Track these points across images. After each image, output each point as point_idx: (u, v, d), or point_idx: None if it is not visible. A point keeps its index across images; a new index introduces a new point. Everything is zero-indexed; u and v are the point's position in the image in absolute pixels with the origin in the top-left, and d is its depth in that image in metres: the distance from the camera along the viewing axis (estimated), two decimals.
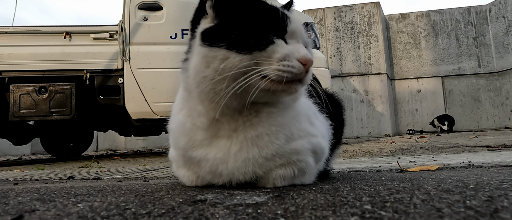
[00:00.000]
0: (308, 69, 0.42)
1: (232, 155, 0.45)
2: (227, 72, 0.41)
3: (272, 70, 0.40)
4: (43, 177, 1.49)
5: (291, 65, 0.41)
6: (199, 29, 0.46)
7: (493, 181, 0.50)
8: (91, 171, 1.79)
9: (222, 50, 0.41)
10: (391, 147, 2.95)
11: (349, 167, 1.23)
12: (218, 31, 0.42)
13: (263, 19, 0.42)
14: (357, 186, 0.47)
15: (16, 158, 5.94)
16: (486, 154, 1.51)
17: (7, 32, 3.12)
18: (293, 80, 0.42)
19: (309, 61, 0.41)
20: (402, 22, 7.42)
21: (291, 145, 0.47)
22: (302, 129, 0.49)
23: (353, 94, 6.69)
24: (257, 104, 0.42)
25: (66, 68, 3.10)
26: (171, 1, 3.24)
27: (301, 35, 0.44)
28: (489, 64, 6.98)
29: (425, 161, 1.27)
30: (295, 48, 0.42)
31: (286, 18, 0.43)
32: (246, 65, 0.41)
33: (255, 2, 0.44)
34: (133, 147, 7.45)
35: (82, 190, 0.55)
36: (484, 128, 6.87)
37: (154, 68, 3.17)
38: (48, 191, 0.55)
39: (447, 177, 0.62)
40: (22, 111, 2.99)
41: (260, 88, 0.41)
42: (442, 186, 0.46)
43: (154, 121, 3.20)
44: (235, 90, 0.41)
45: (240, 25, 0.41)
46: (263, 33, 0.41)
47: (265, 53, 0.41)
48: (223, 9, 0.44)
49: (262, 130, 0.46)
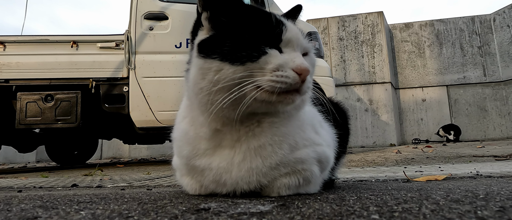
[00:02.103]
0: (305, 78, 0.41)
1: (236, 165, 0.44)
2: (221, 83, 0.41)
3: (265, 81, 0.40)
4: (47, 184, 1.50)
5: (285, 76, 0.40)
6: (196, 40, 0.46)
7: (504, 191, 0.49)
8: (94, 179, 1.79)
9: (216, 62, 0.41)
10: (397, 156, 2.91)
11: (354, 177, 1.21)
12: (213, 43, 0.42)
13: (256, 29, 0.42)
14: (363, 196, 0.46)
15: (21, 165, 5.97)
16: (494, 164, 1.48)
17: (16, 42, 3.18)
18: (288, 90, 0.41)
19: (305, 70, 0.40)
20: (406, 31, 7.43)
21: (296, 154, 0.47)
22: (306, 138, 0.49)
23: (358, 103, 6.66)
24: (258, 115, 0.42)
25: (72, 77, 3.14)
26: (176, 11, 3.29)
27: (298, 43, 0.43)
28: (495, 73, 6.93)
29: (431, 171, 1.24)
30: (290, 57, 0.41)
31: (280, 26, 0.42)
32: (239, 76, 0.40)
33: (250, 12, 0.43)
34: (137, 155, 7.46)
35: (85, 198, 0.55)
36: (491, 137, 6.77)
37: (159, 77, 3.19)
38: (51, 199, 0.55)
39: (455, 187, 0.60)
40: (28, 119, 3.02)
41: (254, 98, 0.40)
42: (451, 196, 0.45)
43: (158, 129, 3.21)
44: (231, 101, 0.40)
45: (234, 36, 0.41)
46: (256, 44, 0.41)
47: (257, 64, 0.41)
48: (218, 20, 0.45)
49: (264, 140, 0.45)
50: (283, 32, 0.42)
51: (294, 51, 0.42)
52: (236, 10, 0.44)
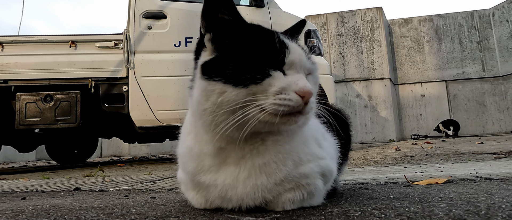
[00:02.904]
0: (307, 101, 0.41)
1: (241, 182, 0.45)
2: (225, 106, 0.41)
3: (268, 104, 0.40)
4: (49, 187, 1.50)
5: (288, 99, 0.40)
6: (200, 61, 0.46)
7: (505, 204, 0.49)
8: (96, 180, 1.79)
9: (219, 84, 0.41)
10: (396, 154, 2.92)
11: (355, 178, 1.22)
12: (216, 65, 0.43)
13: (259, 51, 0.42)
14: (367, 210, 0.46)
15: (21, 164, 5.98)
16: (494, 163, 1.49)
17: (14, 42, 3.16)
18: (291, 112, 0.41)
19: (308, 93, 0.41)
20: (405, 27, 7.41)
21: (300, 170, 0.48)
22: (310, 153, 0.49)
23: (357, 99, 6.67)
24: (262, 133, 0.42)
25: (71, 77, 3.13)
26: (175, 9, 3.27)
27: (302, 65, 0.43)
28: (494, 68, 6.93)
29: (431, 172, 1.25)
30: (293, 79, 0.42)
31: (284, 49, 0.42)
32: (242, 99, 0.41)
33: (253, 33, 0.43)
34: (137, 153, 7.48)
35: (92, 214, 0.56)
36: (490, 132, 6.81)
37: (158, 76, 3.19)
38: (58, 215, 0.55)
39: (456, 196, 0.61)
40: (28, 119, 3.02)
41: (258, 120, 0.40)
42: (453, 211, 0.45)
43: (158, 128, 3.21)
44: (235, 123, 0.40)
45: (237, 58, 0.41)
46: (259, 66, 0.41)
47: (261, 87, 0.41)
48: (221, 42, 0.45)
49: (269, 157, 0.46)
50: (287, 55, 0.42)
51: (297, 73, 0.42)
52: (239, 32, 0.44)
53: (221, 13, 0.45)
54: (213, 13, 0.45)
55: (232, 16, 0.46)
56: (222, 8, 0.45)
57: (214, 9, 0.45)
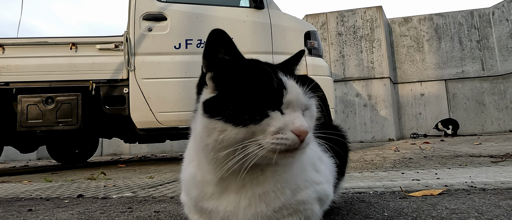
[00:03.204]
0: (303, 139, 0.43)
1: (242, 209, 0.47)
2: (226, 143, 0.44)
3: (267, 143, 0.43)
4: (53, 193, 1.53)
5: (285, 138, 0.43)
6: (202, 98, 0.48)
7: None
8: (98, 184, 1.82)
9: (220, 123, 0.44)
10: (395, 155, 2.95)
11: (353, 186, 1.24)
12: (217, 104, 0.45)
13: (258, 92, 0.43)
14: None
15: (22, 163, 6.01)
16: (489, 169, 1.52)
17: (15, 44, 3.18)
18: (288, 149, 0.43)
19: (304, 132, 0.42)
20: (405, 25, 7.41)
21: (297, 197, 0.50)
22: (307, 179, 0.52)
23: (356, 98, 6.69)
24: (261, 164, 0.45)
25: (72, 79, 3.15)
26: (175, 11, 3.28)
27: (299, 103, 0.45)
28: (493, 67, 6.95)
29: (428, 179, 1.28)
30: (290, 119, 0.43)
31: (282, 89, 0.44)
32: (242, 137, 0.43)
33: (252, 73, 0.45)
34: (137, 152, 7.51)
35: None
36: (489, 131, 6.84)
37: (158, 78, 3.21)
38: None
39: (448, 215, 0.64)
40: (29, 121, 3.04)
41: (258, 156, 0.43)
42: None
43: (159, 130, 3.24)
44: (235, 158, 0.43)
45: (237, 98, 0.43)
46: (258, 107, 0.43)
47: (259, 127, 0.43)
48: (221, 81, 0.47)
49: (268, 187, 0.48)
50: (284, 95, 0.44)
51: (294, 111, 0.44)
52: (239, 72, 0.46)
53: (221, 53, 0.47)
54: (214, 53, 0.47)
55: (232, 56, 0.48)
56: (222, 49, 0.47)
57: (215, 49, 0.47)
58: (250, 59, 0.50)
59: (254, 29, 3.34)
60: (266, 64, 0.50)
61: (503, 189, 0.98)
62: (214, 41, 0.46)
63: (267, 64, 0.50)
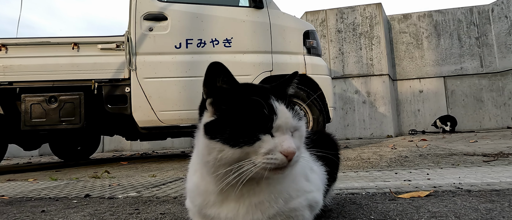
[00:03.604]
0: (291, 158, 0.49)
1: (241, 216, 0.54)
2: (223, 161, 0.50)
3: (258, 162, 0.49)
4: (60, 192, 1.59)
5: (275, 158, 0.49)
6: (203, 120, 0.54)
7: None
8: (103, 183, 1.88)
9: (219, 144, 0.50)
10: (391, 153, 3.01)
11: (347, 187, 1.31)
12: (216, 127, 0.51)
13: (251, 118, 0.49)
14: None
15: (24, 160, 6.09)
16: (479, 170, 1.58)
17: (17, 44, 3.22)
18: (278, 167, 0.50)
19: (291, 153, 0.49)
20: (404, 22, 7.43)
21: (290, 205, 0.56)
22: (299, 189, 0.58)
23: (355, 95, 6.75)
24: (256, 178, 0.51)
25: (74, 78, 3.20)
26: (175, 11, 3.31)
27: (287, 126, 0.51)
28: (492, 64, 6.99)
29: (419, 180, 1.34)
30: (280, 141, 0.50)
31: (272, 115, 0.50)
32: (238, 157, 0.50)
33: (245, 102, 0.51)
34: (138, 148, 7.58)
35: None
36: (487, 128, 6.90)
37: (159, 77, 3.26)
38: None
39: (429, 217, 0.69)
40: (33, 120, 3.10)
41: (251, 173, 0.49)
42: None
43: (161, 129, 3.30)
44: (232, 174, 0.50)
45: (232, 123, 0.50)
46: (251, 131, 0.49)
47: (252, 148, 0.49)
48: (219, 107, 0.53)
49: (263, 197, 0.55)
50: (274, 120, 0.50)
51: (283, 134, 0.50)
52: (235, 99, 0.52)
53: (219, 82, 0.53)
54: (212, 82, 0.53)
55: (229, 85, 0.53)
56: (220, 78, 0.52)
57: (214, 79, 0.52)
58: (246, 86, 0.55)
59: (253, 29, 3.38)
60: (260, 89, 0.55)
61: (487, 191, 1.04)
62: (213, 71, 0.52)
63: (261, 89, 0.55)
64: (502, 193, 0.97)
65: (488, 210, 0.75)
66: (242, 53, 3.33)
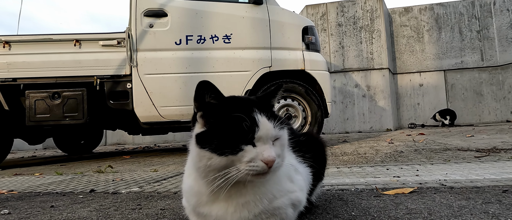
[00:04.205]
0: (271, 165, 0.56)
1: (229, 214, 0.61)
2: (212, 167, 0.57)
3: (242, 169, 0.56)
4: (66, 187, 1.67)
5: (256, 165, 0.56)
6: (195, 131, 0.61)
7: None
8: (107, 178, 1.96)
9: (208, 152, 0.57)
10: (388, 148, 3.07)
11: (339, 183, 1.37)
12: (205, 137, 0.58)
13: (235, 131, 0.56)
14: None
15: (29, 153, 6.21)
16: (468, 166, 1.64)
17: (20, 41, 3.27)
18: (259, 173, 0.56)
19: (270, 161, 0.55)
20: (405, 15, 7.40)
21: (274, 204, 0.63)
22: (282, 190, 0.64)
23: (355, 89, 6.78)
24: (242, 181, 0.58)
25: (77, 75, 3.26)
26: (175, 8, 3.35)
27: (268, 137, 0.57)
28: (492, 58, 6.98)
29: (407, 177, 1.40)
30: (260, 151, 0.56)
31: (254, 127, 0.56)
32: (224, 164, 0.56)
33: (230, 116, 0.57)
34: (140, 141, 7.68)
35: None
36: (486, 121, 6.93)
37: (160, 73, 3.31)
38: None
39: (405, 214, 0.76)
40: (37, 116, 3.18)
41: (237, 177, 0.56)
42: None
43: (162, 124, 3.37)
44: (220, 179, 0.57)
45: (219, 135, 0.56)
46: (235, 143, 0.56)
47: (236, 157, 0.56)
48: (208, 120, 0.59)
49: (249, 198, 0.61)
50: (256, 132, 0.56)
51: (264, 144, 0.57)
52: (222, 113, 0.58)
53: (208, 98, 0.59)
54: (202, 97, 0.59)
55: (216, 100, 0.60)
56: (208, 94, 0.59)
57: (203, 95, 0.59)
58: (232, 100, 0.61)
59: (252, 25, 3.41)
60: (245, 102, 0.61)
61: (468, 188, 1.10)
62: (202, 88, 0.59)
63: (246, 102, 0.61)
64: (481, 190, 1.03)
65: (460, 208, 0.81)
66: (242, 49, 3.37)
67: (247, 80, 3.32)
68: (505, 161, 1.73)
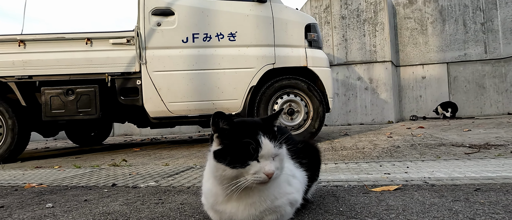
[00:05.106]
0: (271, 176, 0.72)
1: (240, 211, 0.77)
2: (226, 177, 0.74)
3: (249, 179, 0.72)
4: (89, 181, 1.85)
5: (259, 176, 0.72)
6: (212, 147, 0.78)
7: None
8: (124, 172, 2.14)
9: (223, 166, 0.74)
10: (386, 142, 3.22)
11: (334, 179, 1.53)
12: (221, 154, 0.74)
13: (243, 151, 0.72)
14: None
15: (41, 144, 6.47)
16: (455, 163, 1.78)
17: (34, 40, 3.43)
18: (262, 182, 0.73)
19: (270, 173, 0.72)
20: (409, 7, 7.39)
21: (275, 203, 0.79)
22: (281, 192, 0.80)
23: (358, 82, 6.87)
24: (249, 186, 0.74)
25: (89, 72, 3.42)
26: (182, 6, 3.46)
27: (269, 154, 0.73)
28: (496, 50, 6.99)
29: (397, 174, 1.55)
30: (263, 165, 0.72)
31: (258, 148, 0.72)
32: (235, 175, 0.73)
33: (241, 138, 0.73)
34: (147, 133, 7.89)
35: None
36: (487, 114, 7.01)
37: (168, 70, 3.46)
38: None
39: (383, 210, 0.91)
40: (53, 111, 3.36)
41: (244, 185, 0.73)
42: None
43: (170, 118, 3.55)
44: (232, 186, 0.74)
45: (231, 153, 0.73)
46: (243, 160, 0.72)
47: (244, 170, 0.73)
48: (222, 141, 0.76)
49: (255, 199, 0.78)
50: (259, 152, 0.72)
51: (266, 160, 0.73)
52: (233, 136, 0.74)
53: (221, 124, 0.76)
54: (217, 123, 0.76)
55: (229, 126, 0.76)
56: (222, 121, 0.76)
57: (218, 121, 0.76)
58: (241, 125, 0.77)
59: (257, 23, 3.52)
60: (251, 126, 0.76)
61: (447, 186, 1.25)
62: (217, 117, 0.76)
63: (252, 126, 0.76)
64: (457, 188, 1.18)
65: (431, 205, 0.96)
66: (246, 47, 3.49)
67: (252, 77, 3.46)
68: (490, 158, 1.87)
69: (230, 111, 3.49)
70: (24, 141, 3.51)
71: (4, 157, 3.32)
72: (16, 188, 1.69)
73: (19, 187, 1.72)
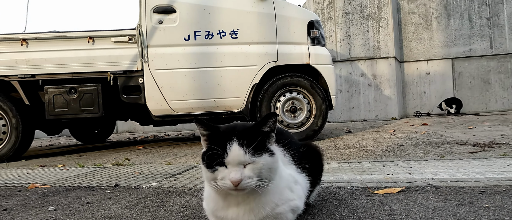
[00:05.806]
0: (237, 184, 0.71)
1: (240, 217, 0.77)
2: (207, 179, 0.78)
3: (219, 183, 0.74)
4: (92, 181, 1.86)
5: (225, 183, 0.72)
6: (202, 150, 0.80)
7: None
8: (127, 171, 2.15)
9: (203, 167, 0.77)
10: (389, 140, 3.20)
11: (337, 180, 1.52)
12: (203, 156, 0.77)
13: (214, 155, 0.73)
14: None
15: (45, 142, 6.52)
16: (459, 163, 1.76)
17: (37, 38, 3.43)
18: (230, 189, 0.73)
19: (235, 182, 0.71)
20: (414, 2, 7.29)
21: (276, 210, 0.78)
22: (283, 199, 0.79)
23: (361, 78, 6.82)
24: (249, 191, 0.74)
25: (92, 71, 3.42)
26: (183, 4, 3.44)
27: (235, 162, 0.72)
28: (502, 45, 6.89)
29: (400, 175, 1.54)
30: (229, 172, 0.72)
31: (224, 154, 0.72)
32: (211, 178, 0.76)
33: (214, 144, 0.74)
34: (150, 130, 7.92)
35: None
36: (492, 110, 6.94)
37: (170, 69, 3.45)
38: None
39: (386, 215, 0.90)
40: (56, 110, 3.38)
41: (218, 190, 0.76)
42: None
43: (173, 116, 3.55)
44: (213, 188, 0.77)
45: (208, 157, 0.75)
46: (213, 164, 0.74)
47: (213, 175, 0.74)
48: (206, 144, 0.78)
49: (253, 205, 0.78)
50: (225, 158, 0.72)
51: (233, 167, 0.72)
52: (212, 141, 0.76)
53: (201, 129, 0.78)
54: (200, 128, 0.78)
55: (207, 131, 0.78)
56: (204, 128, 0.78)
57: (200, 126, 0.78)
58: (219, 131, 0.78)
59: (259, 20, 3.49)
60: (228, 133, 0.75)
61: (452, 188, 1.24)
62: (197, 122, 0.78)
63: (229, 132, 0.76)
64: (461, 191, 1.17)
65: (435, 209, 0.95)
66: (248, 44, 3.47)
67: (254, 75, 3.44)
68: (495, 158, 1.84)
69: (232, 109, 3.48)
70: (28, 139, 3.54)
71: (8, 155, 3.35)
72: (20, 189, 1.71)
73: (23, 188, 1.73)
